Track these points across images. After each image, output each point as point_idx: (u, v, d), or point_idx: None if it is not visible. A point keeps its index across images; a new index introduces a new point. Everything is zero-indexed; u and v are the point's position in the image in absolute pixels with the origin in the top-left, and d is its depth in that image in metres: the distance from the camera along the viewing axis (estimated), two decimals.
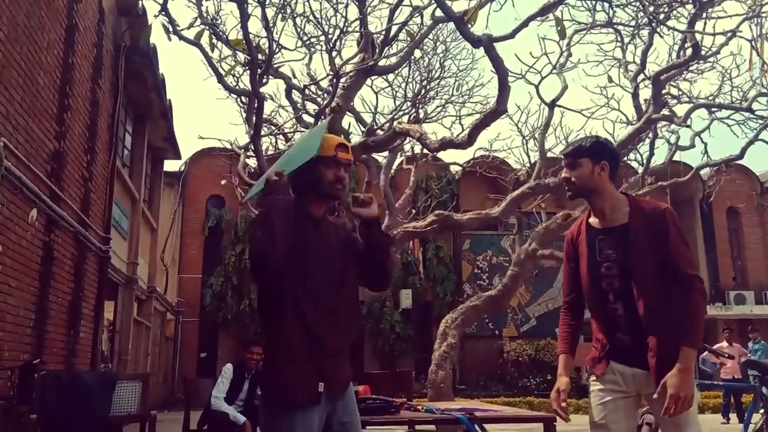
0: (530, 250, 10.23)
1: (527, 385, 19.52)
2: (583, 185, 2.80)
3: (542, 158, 10.21)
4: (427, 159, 12.70)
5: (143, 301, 14.82)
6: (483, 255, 22.69)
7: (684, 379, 2.48)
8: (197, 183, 21.50)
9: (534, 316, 22.43)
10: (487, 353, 21.37)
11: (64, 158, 8.01)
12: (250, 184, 9.35)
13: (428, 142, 7.27)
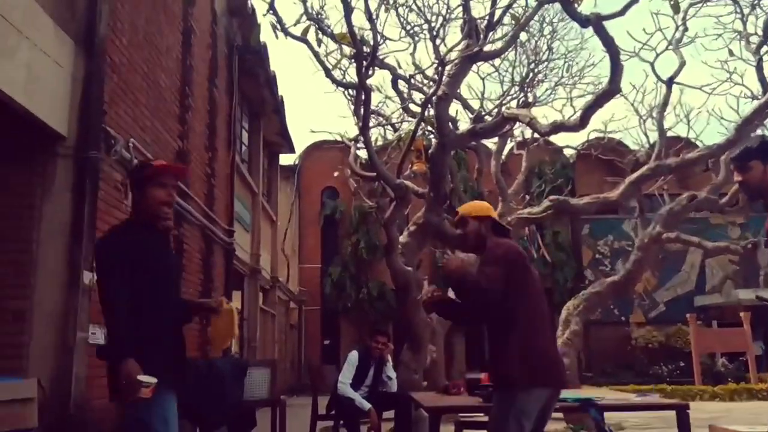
0: (654, 233, 9.73)
1: (659, 373, 18.59)
2: (756, 187, 2.83)
3: (662, 138, 9.67)
4: (538, 143, 12.34)
5: (267, 290, 15.51)
6: (604, 240, 21.79)
7: None
8: (311, 175, 22.18)
9: (662, 302, 21.30)
10: (613, 340, 20.53)
11: (188, 156, 8.49)
12: (361, 175, 9.51)
13: (538, 127, 7.05)
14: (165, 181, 2.91)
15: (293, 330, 20.39)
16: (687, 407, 3.39)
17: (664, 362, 19.17)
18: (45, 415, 4.79)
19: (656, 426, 8.38)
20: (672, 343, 19.59)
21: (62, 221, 5.22)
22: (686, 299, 21.07)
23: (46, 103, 5.08)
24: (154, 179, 2.89)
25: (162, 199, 2.87)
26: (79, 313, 5.14)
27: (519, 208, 9.66)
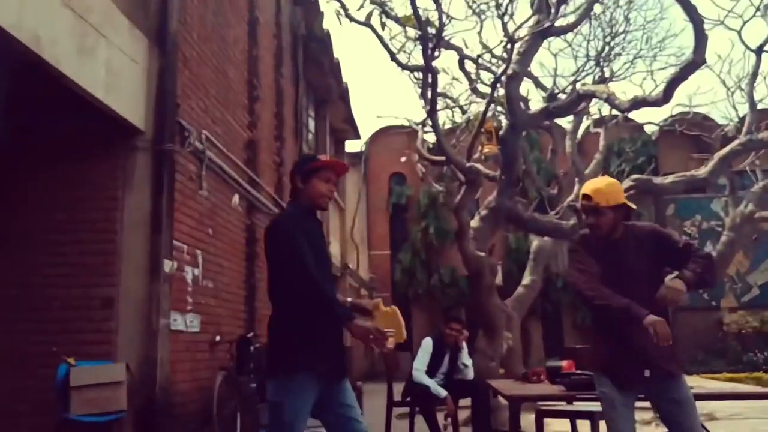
0: (747, 212, 9.21)
1: (754, 360, 17.66)
2: None
3: (752, 110, 9.08)
4: (617, 120, 11.84)
5: (338, 278, 15.64)
6: (690, 220, 20.78)
7: None
8: (378, 161, 22.14)
9: (756, 285, 20.15)
10: (703, 326, 19.58)
11: (258, 146, 8.58)
12: (429, 159, 9.36)
13: (617, 103, 6.71)
14: (329, 176, 3.08)
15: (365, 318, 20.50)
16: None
17: (760, 349, 18.18)
18: (133, 398, 4.98)
19: (752, 416, 7.94)
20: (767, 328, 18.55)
21: (143, 212, 5.40)
22: None
23: (125, 99, 5.23)
24: (320, 173, 3.06)
25: (323, 192, 3.06)
26: (161, 301, 5.30)
27: None
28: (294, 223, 2.95)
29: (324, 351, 2.92)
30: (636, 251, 3.11)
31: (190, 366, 5.99)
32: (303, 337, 2.87)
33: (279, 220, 3.09)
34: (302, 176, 3.07)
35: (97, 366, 4.84)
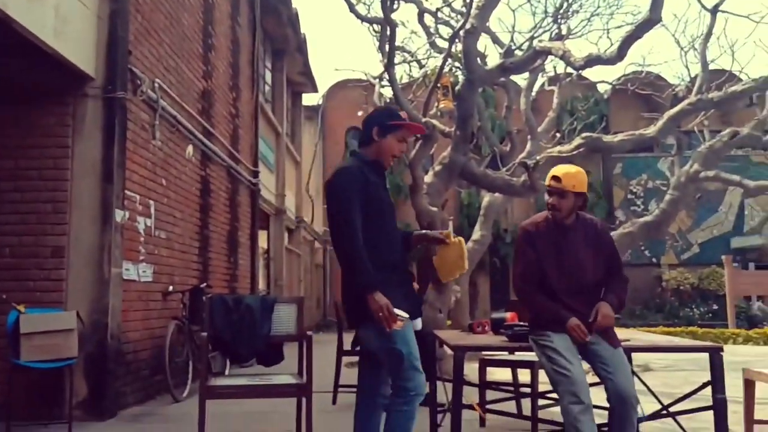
0: (692, 172, 9.47)
1: (689, 315, 18.54)
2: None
3: (704, 71, 9.25)
4: (571, 78, 11.95)
5: (293, 230, 15.68)
6: (637, 179, 21.39)
7: None
8: (335, 115, 21.97)
9: (696, 243, 21.00)
10: (643, 282, 20.39)
11: (213, 96, 8.44)
12: None
13: (572, 60, 6.78)
14: (405, 136, 3.10)
15: (318, 269, 20.68)
16: (721, 349, 3.31)
17: (696, 305, 19.08)
18: (84, 345, 5.02)
19: (686, 368, 8.38)
20: (705, 285, 19.43)
21: (94, 160, 5.35)
22: (722, 240, 20.73)
23: (75, 45, 5.10)
24: (399, 132, 3.04)
25: (396, 151, 3.06)
26: (113, 250, 5.30)
27: (549, 146, 9.45)
28: (352, 179, 2.90)
29: (407, 292, 3.01)
30: (584, 240, 3.27)
31: (143, 315, 6.02)
32: (387, 281, 2.87)
33: (339, 173, 2.97)
34: (381, 129, 3.02)
35: (48, 314, 4.84)
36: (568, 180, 3.22)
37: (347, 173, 2.94)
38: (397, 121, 3.07)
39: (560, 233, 3.28)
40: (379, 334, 2.83)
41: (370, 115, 3.21)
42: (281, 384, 3.67)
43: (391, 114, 3.14)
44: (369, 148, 3.06)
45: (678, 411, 3.59)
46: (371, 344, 2.94)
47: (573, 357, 3.06)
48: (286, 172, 14.16)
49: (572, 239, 3.27)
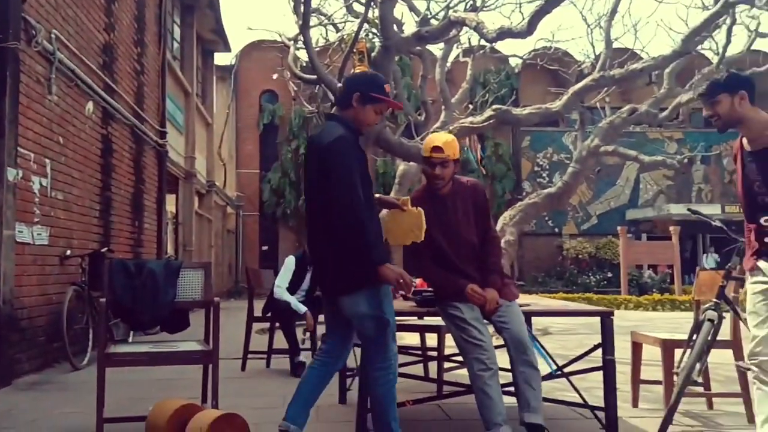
0: (592, 146, 9.88)
1: (587, 282, 19.58)
2: (727, 118, 2.99)
3: (608, 48, 9.62)
4: (485, 51, 12.15)
5: (203, 195, 15.25)
6: (543, 152, 22.21)
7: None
8: (249, 77, 21.39)
9: (595, 215, 22.15)
10: (545, 250, 21.37)
11: (115, 50, 8.00)
12: (301, 77, 9.19)
13: (485, 32, 6.88)
14: (383, 110, 3.07)
15: (230, 235, 20.29)
16: (611, 314, 3.48)
17: (593, 273, 20.16)
18: None
19: (581, 332, 8.87)
20: (601, 254, 20.54)
21: None
22: (619, 212, 21.98)
23: None
24: (380, 104, 3.01)
25: (373, 122, 3.06)
26: (5, 210, 4.98)
27: (462, 117, 9.60)
28: (352, 151, 2.87)
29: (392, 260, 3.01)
30: (462, 204, 3.34)
31: (38, 280, 5.71)
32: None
33: (339, 141, 2.87)
34: (363, 97, 2.96)
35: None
36: (449, 148, 3.28)
37: (346, 146, 2.88)
38: (380, 94, 3.00)
39: (440, 201, 3.32)
40: (369, 303, 2.88)
41: (355, 78, 3.18)
42: (185, 351, 3.58)
43: (377, 84, 3.04)
44: (347, 112, 3.01)
45: (571, 371, 3.76)
46: (359, 311, 2.91)
47: (480, 325, 3.16)
48: (197, 133, 13.69)
49: (453, 205, 3.32)
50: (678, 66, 10.41)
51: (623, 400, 3.38)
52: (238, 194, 20.90)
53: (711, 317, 3.53)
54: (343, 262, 2.89)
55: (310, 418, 3.91)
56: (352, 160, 2.86)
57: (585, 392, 3.74)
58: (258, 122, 21.61)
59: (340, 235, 2.84)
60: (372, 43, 10.19)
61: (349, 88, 3.03)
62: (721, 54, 10.75)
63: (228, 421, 3.00)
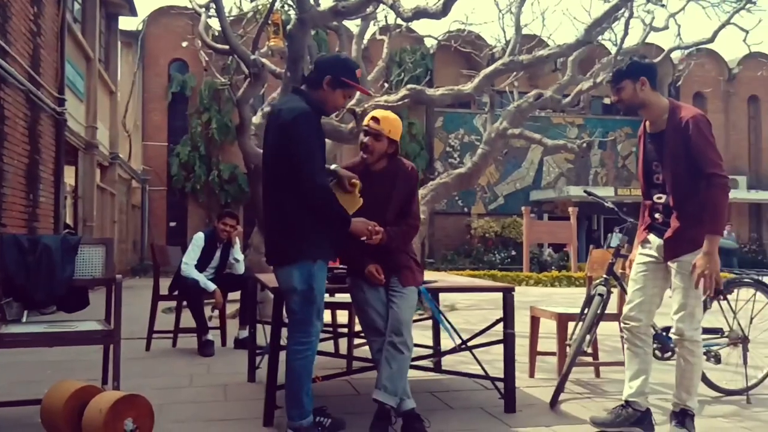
0: (501, 129, 10.15)
1: (492, 260, 20.23)
2: (631, 103, 3.25)
3: (517, 34, 9.89)
4: (401, 30, 12.19)
5: (106, 167, 14.54)
6: (455, 133, 22.66)
7: (708, 260, 2.98)
8: (157, 44, 20.44)
9: (502, 195, 22.90)
10: (455, 229, 21.92)
11: (8, 9, 7.44)
12: (213, 47, 8.90)
13: (401, 10, 6.91)
14: (351, 95, 3.17)
15: (135, 210, 19.50)
16: (512, 290, 3.66)
17: (498, 251, 20.87)
18: None
19: (485, 307, 9.20)
20: (507, 233, 21.27)
21: None
22: (523, 193, 22.83)
23: None
24: (349, 89, 3.09)
25: (340, 106, 3.17)
26: None
27: (377, 95, 9.60)
28: (312, 131, 2.97)
29: (331, 238, 3.06)
30: (390, 185, 3.35)
31: None
32: (317, 226, 2.99)
33: (301, 117, 2.94)
34: (334, 80, 3.02)
35: None
36: (386, 124, 3.31)
37: (309, 122, 2.96)
38: (351, 80, 3.06)
39: (370, 177, 3.33)
40: (300, 277, 2.96)
41: (328, 60, 3.19)
42: (84, 331, 3.43)
43: (349, 69, 3.09)
44: (316, 93, 3.05)
45: (474, 345, 3.90)
46: (289, 285, 2.99)
47: (381, 306, 3.23)
48: (99, 102, 12.98)
49: (381, 183, 3.34)
50: (581, 55, 10.86)
51: (521, 371, 3.63)
52: (145, 168, 20.07)
53: (601, 292, 3.76)
54: (282, 235, 3.00)
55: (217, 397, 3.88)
56: (312, 136, 2.96)
57: (487, 364, 3.89)
58: (166, 92, 20.73)
59: (293, 207, 2.94)
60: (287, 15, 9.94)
61: (321, 69, 3.08)
62: (619, 45, 11.31)
63: (130, 403, 2.90)
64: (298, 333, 3.00)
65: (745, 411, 3.71)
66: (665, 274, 3.25)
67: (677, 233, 3.12)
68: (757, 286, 4.13)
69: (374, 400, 3.05)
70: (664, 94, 23.24)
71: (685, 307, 3.12)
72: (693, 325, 3.12)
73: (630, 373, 3.32)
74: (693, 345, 3.13)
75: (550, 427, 3.32)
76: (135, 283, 13.39)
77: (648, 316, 3.30)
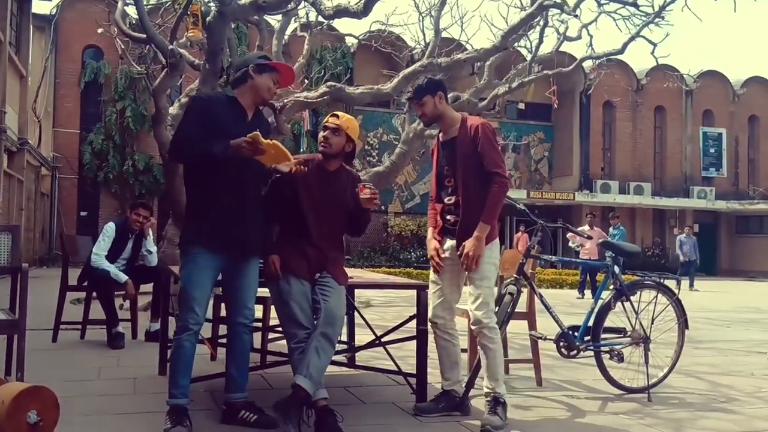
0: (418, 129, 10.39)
1: (408, 258, 20.57)
2: (432, 115, 3.56)
3: (437, 37, 10.17)
4: (322, 28, 12.26)
5: (14, 153, 13.90)
6: (374, 132, 22.91)
7: (476, 244, 3.31)
8: (72, 30, 19.63)
9: (418, 194, 23.30)
10: (371, 227, 22.05)
11: None
12: (130, 35, 8.70)
13: (322, 8, 7.02)
14: (277, 78, 3.25)
15: (45, 198, 18.67)
16: (426, 287, 3.71)
17: (414, 249, 21.25)
18: None
19: (399, 304, 9.44)
20: (423, 232, 21.63)
21: None
22: None
23: None
24: (272, 73, 3.22)
25: (271, 88, 3.25)
26: None
27: (297, 91, 9.65)
28: (197, 103, 3.21)
29: (213, 228, 3.07)
30: (344, 188, 3.42)
31: None
32: (196, 215, 3.10)
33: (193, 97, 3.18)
34: (257, 69, 3.17)
35: None
36: (346, 122, 3.43)
37: (198, 98, 3.31)
38: (270, 62, 3.28)
39: (325, 175, 3.41)
40: (181, 263, 3.18)
41: (243, 58, 3.48)
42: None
43: (261, 57, 3.36)
44: (246, 86, 3.19)
45: (388, 341, 4.01)
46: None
47: (304, 301, 3.23)
48: (8, 85, 12.41)
49: (334, 183, 3.41)
50: (497, 60, 11.26)
51: (434, 366, 3.64)
52: (55, 155, 19.24)
53: (511, 291, 3.86)
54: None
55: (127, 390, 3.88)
56: (185, 112, 3.23)
57: (400, 360, 4.00)
58: (79, 79, 19.93)
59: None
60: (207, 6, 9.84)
61: (240, 67, 3.27)
62: (534, 52, 11.82)
63: (34, 394, 2.81)
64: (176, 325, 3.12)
65: (646, 408, 3.82)
66: (460, 271, 3.50)
67: (464, 229, 3.39)
68: (658, 288, 4.27)
69: (295, 385, 3.00)
70: (575, 101, 24.47)
71: (479, 296, 3.36)
72: (488, 314, 3.36)
73: (444, 366, 3.57)
74: (491, 332, 3.34)
75: (460, 421, 3.38)
76: (43, 273, 12.89)
77: (450, 312, 3.58)
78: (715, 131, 27.06)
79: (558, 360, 4.49)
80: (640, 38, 11.52)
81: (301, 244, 3.32)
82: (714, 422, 3.60)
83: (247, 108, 3.21)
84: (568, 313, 3.26)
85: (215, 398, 3.63)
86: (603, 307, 4.16)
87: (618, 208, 21.04)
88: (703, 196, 25.80)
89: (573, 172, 24.89)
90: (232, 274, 3.21)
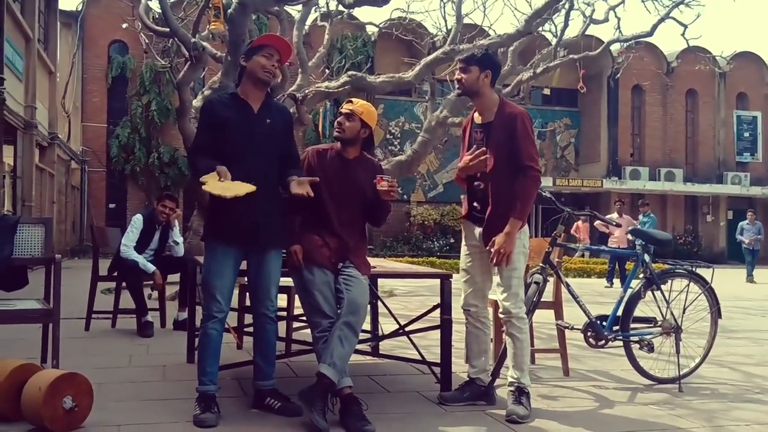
0: (441, 117, 10.37)
1: (431, 247, 20.54)
2: (469, 88, 3.44)
3: (458, 23, 10.08)
4: (342, 17, 12.24)
5: (45, 147, 14.19)
6: (396, 120, 22.82)
7: (507, 239, 3.24)
8: (98, 25, 19.89)
9: (441, 183, 23.18)
10: (394, 216, 22.08)
11: None
12: (154, 29, 8.81)
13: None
14: (271, 52, 3.21)
15: (75, 191, 19.03)
16: (450, 277, 3.69)
17: (437, 238, 21.20)
18: None
19: (423, 293, 9.43)
20: (445, 221, 21.63)
21: None
22: None
23: None
24: (263, 50, 3.19)
25: (264, 64, 3.19)
26: None
27: (318, 81, 9.69)
28: (204, 108, 3.30)
29: (225, 220, 3.12)
30: (363, 175, 3.41)
31: None
32: (211, 208, 3.22)
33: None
34: (246, 56, 3.22)
35: None
36: (359, 106, 3.40)
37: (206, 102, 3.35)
38: (253, 42, 3.32)
39: (344, 163, 3.40)
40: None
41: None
42: (23, 309, 3.47)
43: (249, 43, 3.41)
44: (243, 79, 3.24)
45: (412, 330, 4.01)
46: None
47: (327, 290, 3.22)
48: (38, 82, 12.65)
49: (354, 172, 3.40)
50: (521, 45, 11.13)
51: (458, 356, 3.64)
52: (84, 149, 19.58)
53: (537, 280, 3.82)
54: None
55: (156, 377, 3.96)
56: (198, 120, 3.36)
57: (424, 350, 3.99)
58: (106, 74, 20.22)
59: None
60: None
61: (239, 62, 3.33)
62: (559, 36, 11.66)
63: (69, 381, 2.91)
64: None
65: (676, 399, 3.75)
66: (489, 259, 3.38)
67: (492, 219, 3.31)
68: (690, 277, 4.17)
69: (319, 374, 3.00)
70: (602, 86, 24.05)
71: (509, 287, 3.33)
72: (517, 303, 3.34)
73: (473, 353, 3.55)
74: (520, 322, 3.33)
75: (485, 410, 3.36)
76: (74, 264, 13.15)
77: (483, 300, 3.54)
78: (750, 115, 26.35)
79: (585, 350, 4.47)
80: (670, 19, 11.29)
81: (323, 234, 3.33)
82: (747, 413, 3.50)
83: (251, 101, 3.21)
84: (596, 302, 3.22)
85: (242, 386, 3.70)
86: (632, 297, 4.08)
87: (648, 195, 20.64)
88: (737, 181, 25.20)
89: (600, 158, 24.46)
90: (254, 266, 3.26)
